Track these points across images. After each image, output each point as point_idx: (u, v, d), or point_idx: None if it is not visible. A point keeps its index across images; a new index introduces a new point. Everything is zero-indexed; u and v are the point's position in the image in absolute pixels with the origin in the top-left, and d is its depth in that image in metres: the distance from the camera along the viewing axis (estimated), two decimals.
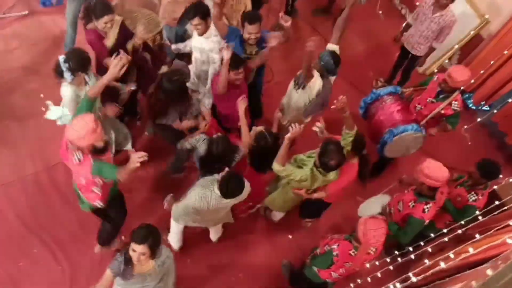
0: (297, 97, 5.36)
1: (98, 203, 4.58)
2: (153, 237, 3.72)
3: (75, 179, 4.50)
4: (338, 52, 5.34)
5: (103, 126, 4.14)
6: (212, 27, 5.18)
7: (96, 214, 4.93)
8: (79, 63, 4.63)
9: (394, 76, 7.32)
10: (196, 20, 5.02)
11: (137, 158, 3.84)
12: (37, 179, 5.87)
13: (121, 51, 5.01)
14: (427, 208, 4.71)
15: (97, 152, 4.05)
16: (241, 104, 5.01)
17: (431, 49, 6.50)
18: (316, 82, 5.17)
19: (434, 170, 4.56)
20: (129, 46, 5.35)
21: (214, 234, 5.72)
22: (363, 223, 4.21)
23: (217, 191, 4.48)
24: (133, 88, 5.34)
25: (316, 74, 5.13)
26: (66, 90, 4.74)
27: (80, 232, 5.52)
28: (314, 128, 4.83)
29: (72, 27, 6.36)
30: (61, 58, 4.59)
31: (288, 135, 4.52)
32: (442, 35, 6.21)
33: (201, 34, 5.18)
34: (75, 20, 6.24)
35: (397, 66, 7.19)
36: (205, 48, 5.27)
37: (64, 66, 4.56)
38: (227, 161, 4.86)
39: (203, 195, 4.51)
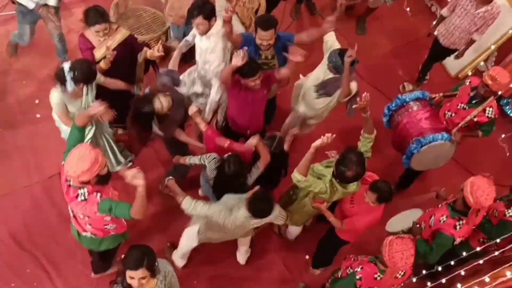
0: (322, 101, 5.42)
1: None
2: (148, 257, 3.68)
3: (76, 223, 4.45)
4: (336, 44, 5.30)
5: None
6: (213, 27, 5.19)
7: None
8: (85, 75, 4.70)
9: (424, 76, 7.31)
10: (199, 19, 5.02)
11: (132, 173, 3.80)
12: (31, 192, 5.88)
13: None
14: (459, 225, 4.63)
15: (102, 181, 4.00)
16: (253, 141, 4.95)
17: (471, 42, 6.49)
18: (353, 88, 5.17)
19: (482, 191, 4.43)
20: (140, 59, 5.43)
21: (243, 256, 5.72)
22: (388, 245, 4.13)
23: (245, 211, 4.49)
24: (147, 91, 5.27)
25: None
26: (53, 95, 4.80)
27: (76, 250, 5.45)
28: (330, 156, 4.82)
29: (60, 42, 6.43)
30: (66, 65, 4.62)
31: (315, 143, 4.43)
32: (485, 26, 6.20)
33: (201, 34, 5.19)
34: (60, 35, 6.33)
35: (427, 65, 7.17)
36: (203, 47, 5.29)
37: (68, 75, 4.60)
38: (241, 183, 4.86)
39: (229, 216, 4.53)
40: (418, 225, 5.05)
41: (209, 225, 4.81)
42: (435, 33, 6.68)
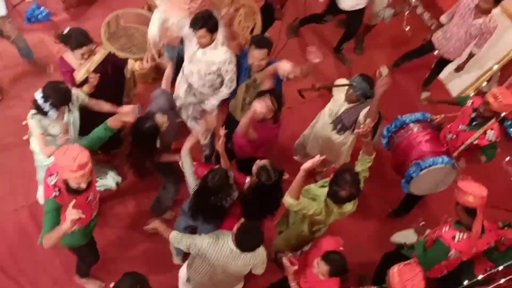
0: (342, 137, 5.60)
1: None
2: (141, 285, 3.66)
3: None
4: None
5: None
6: (218, 37, 5.23)
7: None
8: (61, 98, 4.70)
9: (401, 63, 7.59)
10: (202, 32, 5.04)
11: (72, 214, 3.73)
12: (17, 217, 5.86)
13: (92, 74, 5.10)
14: (459, 236, 4.59)
15: (74, 191, 3.99)
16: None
17: (470, 55, 6.67)
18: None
19: (471, 186, 4.54)
20: (128, 73, 5.57)
21: None
22: (396, 275, 4.11)
23: (231, 244, 4.35)
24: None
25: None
26: (31, 120, 4.83)
27: (64, 278, 5.47)
28: None
29: (21, 41, 6.57)
30: (39, 97, 4.61)
31: (304, 166, 4.38)
32: (483, 40, 6.36)
33: (203, 47, 5.22)
34: (19, 34, 6.48)
35: (411, 56, 7.42)
36: (216, 60, 5.27)
37: (46, 105, 4.61)
38: (221, 197, 4.69)
39: (214, 244, 4.40)
40: (422, 224, 5.05)
41: (192, 261, 4.75)
42: (432, 38, 6.88)
